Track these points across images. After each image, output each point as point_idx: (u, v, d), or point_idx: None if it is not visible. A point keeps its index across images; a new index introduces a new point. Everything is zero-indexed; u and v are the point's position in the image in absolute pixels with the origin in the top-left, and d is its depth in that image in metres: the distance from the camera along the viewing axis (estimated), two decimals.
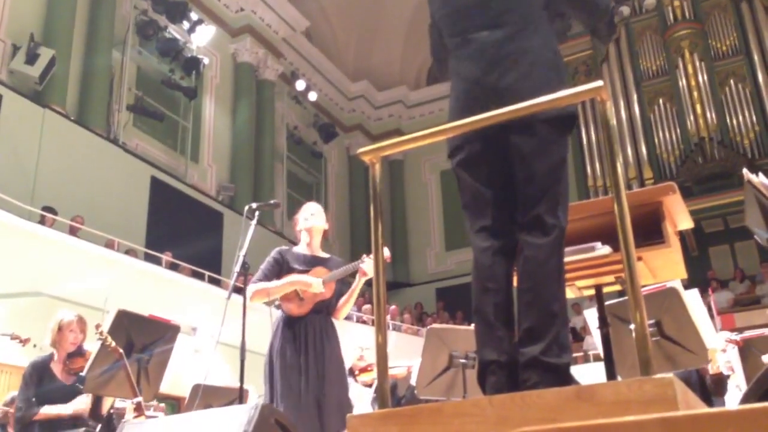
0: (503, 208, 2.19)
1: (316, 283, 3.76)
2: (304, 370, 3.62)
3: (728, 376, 4.78)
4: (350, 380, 5.37)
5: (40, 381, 4.21)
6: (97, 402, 4.32)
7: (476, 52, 2.28)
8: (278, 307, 3.90)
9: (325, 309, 3.88)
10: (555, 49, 2.31)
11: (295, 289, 3.79)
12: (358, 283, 3.88)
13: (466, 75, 2.29)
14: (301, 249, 4.01)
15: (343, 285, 3.99)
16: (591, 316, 4.05)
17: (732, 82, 15.47)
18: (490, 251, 2.16)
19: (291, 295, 3.80)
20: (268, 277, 3.82)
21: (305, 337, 3.72)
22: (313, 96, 17.48)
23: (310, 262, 3.92)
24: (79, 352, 4.32)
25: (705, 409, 1.31)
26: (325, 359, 3.69)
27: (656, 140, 15.74)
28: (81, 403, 4.16)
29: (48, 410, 4.10)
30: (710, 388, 4.79)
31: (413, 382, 5.85)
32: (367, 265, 3.76)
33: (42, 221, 8.88)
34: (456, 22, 2.38)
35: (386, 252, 3.70)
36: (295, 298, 3.81)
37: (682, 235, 2.75)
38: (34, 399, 4.14)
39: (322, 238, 4.07)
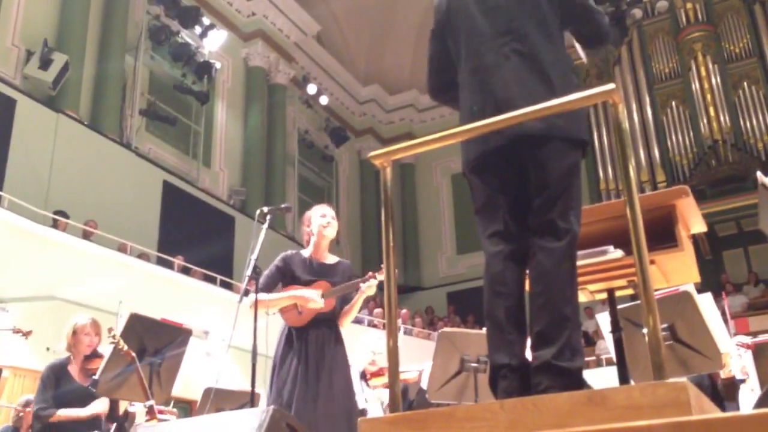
0: (515, 214, 2.19)
1: (313, 299, 3.73)
2: (302, 379, 3.59)
3: (743, 381, 4.74)
4: (362, 385, 5.36)
5: (57, 383, 4.25)
6: (113, 405, 4.35)
7: (488, 65, 2.27)
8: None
9: (329, 318, 3.84)
10: (568, 59, 2.31)
11: (294, 303, 3.78)
12: (357, 299, 3.87)
13: (478, 88, 2.27)
14: (307, 254, 3.96)
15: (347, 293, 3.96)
16: (603, 320, 4.04)
17: (745, 84, 15.35)
18: (502, 256, 2.16)
19: (289, 306, 3.80)
20: (269, 285, 3.81)
21: (306, 347, 3.69)
22: (324, 100, 17.52)
23: (316, 272, 3.88)
24: (95, 354, 4.36)
25: (718, 414, 1.30)
26: (327, 368, 3.65)
27: (669, 143, 15.64)
28: (99, 406, 4.19)
29: (65, 413, 4.13)
30: (722, 392, 4.76)
31: (424, 385, 5.84)
32: (367, 285, 3.76)
33: (55, 225, 8.94)
34: (467, 32, 2.36)
35: (379, 277, 3.71)
36: (293, 310, 3.79)
37: (696, 239, 2.74)
38: (51, 400, 4.17)
39: (330, 243, 4.04)
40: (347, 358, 3.85)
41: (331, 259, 4.01)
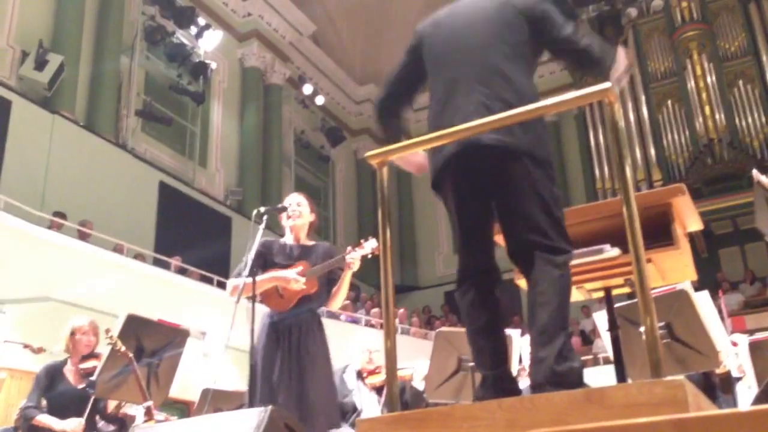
0: (489, 243, 2.27)
1: (294, 279, 3.62)
2: (286, 369, 3.49)
3: (740, 378, 4.76)
4: (359, 383, 5.36)
5: (51, 384, 4.24)
6: (97, 406, 4.30)
7: (461, 99, 2.21)
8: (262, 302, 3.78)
9: (313, 304, 3.73)
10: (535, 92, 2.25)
11: (274, 286, 3.67)
12: (344, 276, 3.75)
13: (449, 124, 2.17)
14: (287, 240, 3.88)
15: (332, 273, 3.82)
16: (600, 318, 4.04)
17: (741, 83, 15.40)
18: (466, 291, 2.29)
19: (270, 291, 3.68)
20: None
21: (288, 336, 3.59)
22: (320, 100, 17.51)
23: (295, 256, 3.78)
24: (93, 355, 4.35)
25: (716, 411, 1.31)
26: (309, 358, 3.55)
27: (665, 142, 15.68)
28: (72, 425, 4.12)
29: (43, 419, 4.13)
30: (718, 385, 4.78)
31: (416, 384, 5.84)
32: (352, 257, 3.66)
33: (51, 226, 8.91)
34: (442, 64, 2.32)
35: (374, 243, 3.68)
36: (274, 295, 3.68)
37: (692, 237, 2.74)
38: (40, 401, 4.18)
39: (310, 228, 3.93)
40: (328, 347, 3.72)
41: (310, 242, 3.92)
